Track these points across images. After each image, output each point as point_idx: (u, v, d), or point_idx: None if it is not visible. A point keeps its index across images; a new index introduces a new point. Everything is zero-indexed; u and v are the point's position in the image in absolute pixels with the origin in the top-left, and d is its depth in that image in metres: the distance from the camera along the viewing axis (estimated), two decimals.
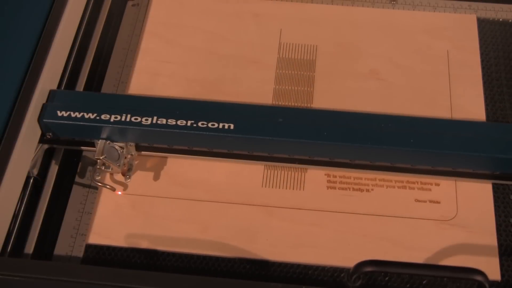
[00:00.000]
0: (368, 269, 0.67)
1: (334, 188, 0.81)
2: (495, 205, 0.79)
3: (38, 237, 0.78)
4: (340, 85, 0.89)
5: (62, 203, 0.81)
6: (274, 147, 0.80)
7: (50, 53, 0.81)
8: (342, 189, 0.81)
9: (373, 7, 0.97)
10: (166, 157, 0.84)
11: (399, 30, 0.94)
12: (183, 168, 0.82)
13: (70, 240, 0.78)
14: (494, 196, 0.80)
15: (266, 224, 0.78)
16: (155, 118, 0.78)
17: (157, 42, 0.93)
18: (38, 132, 0.79)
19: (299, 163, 0.82)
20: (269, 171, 0.82)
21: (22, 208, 0.78)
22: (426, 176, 0.81)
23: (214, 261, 0.76)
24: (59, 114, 0.78)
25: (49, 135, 0.81)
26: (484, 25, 0.95)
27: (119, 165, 0.80)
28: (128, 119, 0.78)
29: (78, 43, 0.90)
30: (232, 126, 0.78)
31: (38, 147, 0.80)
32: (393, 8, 0.97)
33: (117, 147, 0.80)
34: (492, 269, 0.75)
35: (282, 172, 0.82)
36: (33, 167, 0.80)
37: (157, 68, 0.91)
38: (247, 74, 0.90)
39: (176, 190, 0.81)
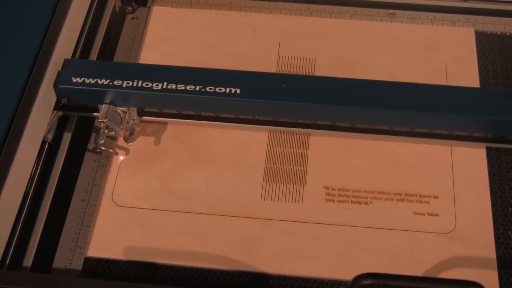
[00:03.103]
0: (367, 282, 0.66)
1: (333, 201, 0.81)
2: (493, 218, 0.79)
3: (36, 250, 0.78)
4: None
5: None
6: (278, 111, 0.83)
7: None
8: (341, 202, 0.81)
9: (371, 20, 0.98)
10: (166, 123, 0.87)
11: (397, 43, 0.95)
12: (182, 181, 0.83)
13: (68, 253, 0.78)
14: (493, 209, 0.80)
15: (265, 237, 0.78)
16: (165, 83, 0.81)
17: (156, 55, 0.94)
18: (53, 99, 0.83)
19: (302, 127, 0.85)
20: (268, 184, 0.82)
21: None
22: (423, 140, 0.84)
23: (212, 274, 0.76)
24: (74, 80, 0.82)
25: (64, 101, 0.84)
26: (482, 38, 0.96)
27: (121, 128, 0.82)
28: (140, 85, 0.81)
29: (78, 54, 0.90)
30: (238, 91, 0.81)
31: (53, 114, 0.84)
32: (392, 22, 0.98)
33: (119, 111, 0.83)
34: (491, 282, 0.75)
35: (281, 185, 0.82)
36: (48, 132, 0.84)
37: None
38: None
39: (175, 203, 0.81)
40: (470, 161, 0.83)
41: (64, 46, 0.84)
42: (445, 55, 0.93)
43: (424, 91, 0.82)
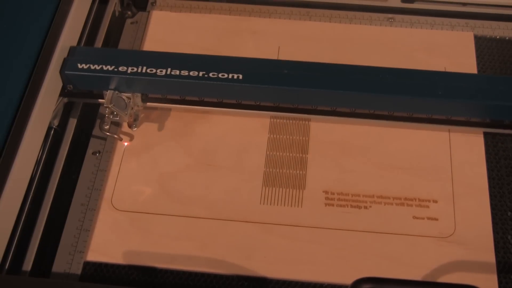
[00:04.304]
0: (366, 286, 0.66)
1: (332, 205, 0.81)
2: (493, 222, 0.79)
3: (36, 254, 0.78)
4: None
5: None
6: (280, 96, 0.85)
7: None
8: (340, 206, 0.81)
9: (370, 24, 0.98)
10: (170, 109, 0.89)
11: (396, 47, 0.95)
12: (181, 185, 0.83)
13: (68, 257, 0.78)
14: (492, 213, 0.80)
15: (264, 241, 0.78)
16: (169, 69, 0.83)
17: None
18: (59, 85, 0.85)
19: (303, 113, 0.86)
20: (267, 188, 0.82)
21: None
22: (422, 124, 0.85)
23: (212, 278, 0.76)
24: (80, 66, 0.84)
25: (70, 87, 0.86)
26: (481, 42, 0.96)
27: (126, 114, 0.84)
28: (144, 71, 0.83)
29: None
30: (240, 77, 0.82)
31: (59, 100, 0.86)
32: (391, 26, 0.98)
33: (124, 97, 0.85)
34: (491, 286, 0.75)
35: (280, 190, 0.82)
36: (54, 118, 0.85)
37: None
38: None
39: (174, 207, 0.81)
40: (470, 165, 0.84)
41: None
42: (444, 59, 0.93)
43: (422, 76, 0.84)
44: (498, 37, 0.97)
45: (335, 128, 0.87)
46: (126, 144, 0.86)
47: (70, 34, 0.86)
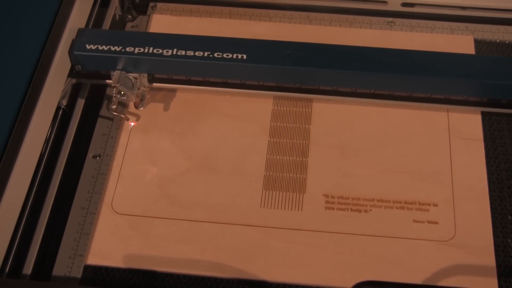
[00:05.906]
0: None
1: (333, 209, 0.81)
2: (493, 226, 0.79)
3: (36, 257, 0.78)
4: (338, 107, 0.89)
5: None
6: (283, 76, 0.87)
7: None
8: (340, 209, 0.81)
9: (371, 28, 0.98)
10: (175, 90, 0.91)
11: None
12: (181, 189, 0.83)
13: (68, 261, 0.78)
14: (492, 217, 0.80)
15: (265, 245, 0.78)
16: (175, 50, 0.86)
17: None
18: (68, 66, 0.87)
19: (305, 93, 0.88)
20: (267, 192, 0.82)
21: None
22: (422, 104, 0.88)
23: (212, 282, 0.76)
24: (88, 47, 0.86)
25: (78, 67, 0.88)
26: (481, 46, 0.96)
27: (133, 93, 0.86)
28: (150, 51, 0.86)
29: None
30: (245, 57, 0.85)
31: (68, 81, 0.88)
32: (391, 30, 0.98)
33: (131, 77, 0.86)
34: None
35: (281, 193, 0.82)
36: (62, 98, 0.87)
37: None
38: (245, 95, 0.90)
39: (175, 211, 0.81)
40: (470, 169, 0.84)
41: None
42: None
43: (422, 56, 0.86)
44: (498, 40, 0.97)
45: (336, 132, 0.87)
46: (132, 124, 0.88)
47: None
